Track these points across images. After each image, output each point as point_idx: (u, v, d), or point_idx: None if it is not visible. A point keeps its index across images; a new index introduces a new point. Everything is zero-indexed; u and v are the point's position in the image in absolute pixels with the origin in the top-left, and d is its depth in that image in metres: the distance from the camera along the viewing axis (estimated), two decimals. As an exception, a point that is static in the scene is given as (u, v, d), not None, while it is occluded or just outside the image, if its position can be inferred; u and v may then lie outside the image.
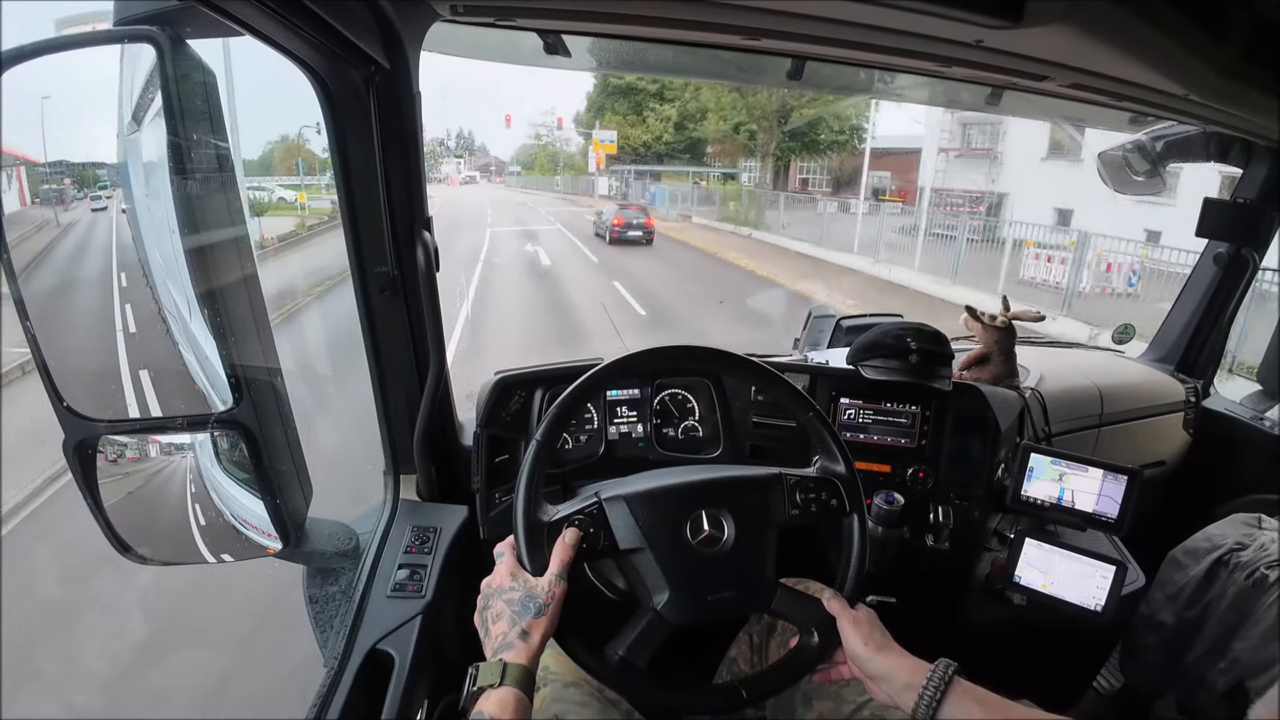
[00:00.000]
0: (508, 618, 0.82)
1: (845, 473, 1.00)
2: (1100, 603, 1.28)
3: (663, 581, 0.88)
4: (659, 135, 31.05)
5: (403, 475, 1.34)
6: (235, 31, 0.72)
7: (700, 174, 29.89)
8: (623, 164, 33.19)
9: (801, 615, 0.93)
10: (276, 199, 15.73)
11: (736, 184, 27.67)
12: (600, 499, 0.92)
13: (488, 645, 0.82)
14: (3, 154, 0.72)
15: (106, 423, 0.79)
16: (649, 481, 0.96)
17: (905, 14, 0.86)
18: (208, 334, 0.76)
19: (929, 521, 1.44)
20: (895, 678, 0.84)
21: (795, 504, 0.97)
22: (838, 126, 24.83)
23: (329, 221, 11.96)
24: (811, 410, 1.02)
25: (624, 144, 30.84)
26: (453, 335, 7.07)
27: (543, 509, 0.90)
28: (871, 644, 0.87)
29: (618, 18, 0.99)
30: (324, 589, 1.11)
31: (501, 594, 0.85)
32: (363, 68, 0.97)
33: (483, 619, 0.85)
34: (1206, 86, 1.05)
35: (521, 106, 73.39)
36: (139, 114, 0.72)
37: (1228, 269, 1.98)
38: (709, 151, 30.66)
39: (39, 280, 0.75)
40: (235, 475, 0.87)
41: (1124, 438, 1.92)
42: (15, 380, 3.36)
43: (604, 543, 0.90)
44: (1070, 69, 1.09)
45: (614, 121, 31.79)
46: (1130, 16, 0.78)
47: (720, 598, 0.90)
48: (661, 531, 0.91)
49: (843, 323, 1.97)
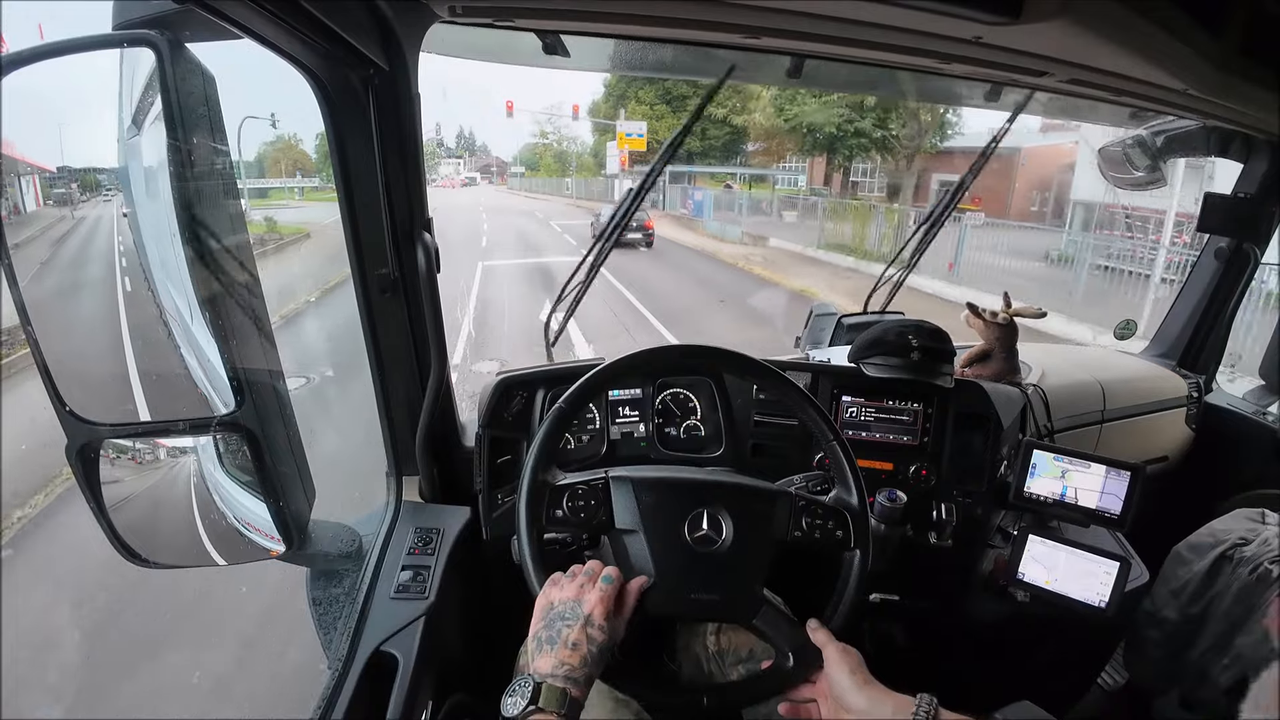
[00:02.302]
0: (582, 655, 0.80)
1: (858, 508, 0.99)
2: (1104, 599, 1.28)
3: (650, 567, 0.89)
4: (698, 130, 25.25)
5: (405, 476, 1.34)
6: (234, 35, 0.72)
7: (725, 176, 26.56)
8: (646, 164, 28.20)
9: (781, 637, 0.90)
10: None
11: (767, 187, 24.48)
12: (608, 476, 0.94)
13: (545, 658, 0.80)
14: (2, 159, 0.72)
15: (109, 426, 0.79)
16: (659, 471, 0.98)
17: (905, 11, 0.86)
18: (209, 336, 0.76)
19: (932, 519, 1.43)
20: (878, 712, 0.82)
21: (800, 526, 0.96)
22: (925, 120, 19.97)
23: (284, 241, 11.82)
24: (835, 439, 1.01)
25: (652, 139, 24.27)
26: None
27: (551, 472, 0.92)
28: (858, 676, 0.85)
29: (616, 17, 0.99)
30: (327, 591, 1.12)
31: (591, 624, 0.82)
32: (362, 70, 0.97)
33: (554, 629, 0.82)
34: (1205, 81, 1.05)
35: (526, 102, 71.92)
36: (139, 118, 0.72)
37: (1229, 264, 1.99)
38: (746, 149, 26.28)
39: (40, 284, 0.75)
40: (238, 478, 0.87)
41: (1127, 434, 1.92)
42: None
43: (601, 518, 0.91)
44: (1069, 64, 1.09)
45: (639, 112, 26.62)
46: (1128, 12, 0.78)
47: (703, 599, 0.90)
48: (659, 519, 0.92)
49: (844, 320, 1.97)
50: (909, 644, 1.64)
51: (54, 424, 0.74)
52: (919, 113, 18.95)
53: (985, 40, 0.98)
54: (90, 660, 2.91)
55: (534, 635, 0.83)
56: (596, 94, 34.73)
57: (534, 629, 0.84)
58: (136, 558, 0.84)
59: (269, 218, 13.88)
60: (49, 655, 2.93)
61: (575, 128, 47.51)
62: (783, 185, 25.21)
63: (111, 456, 0.80)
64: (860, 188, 25.15)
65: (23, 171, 0.76)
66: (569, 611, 0.83)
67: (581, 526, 0.92)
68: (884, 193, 23.45)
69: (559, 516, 0.91)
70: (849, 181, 25.20)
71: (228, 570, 0.92)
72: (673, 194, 24.09)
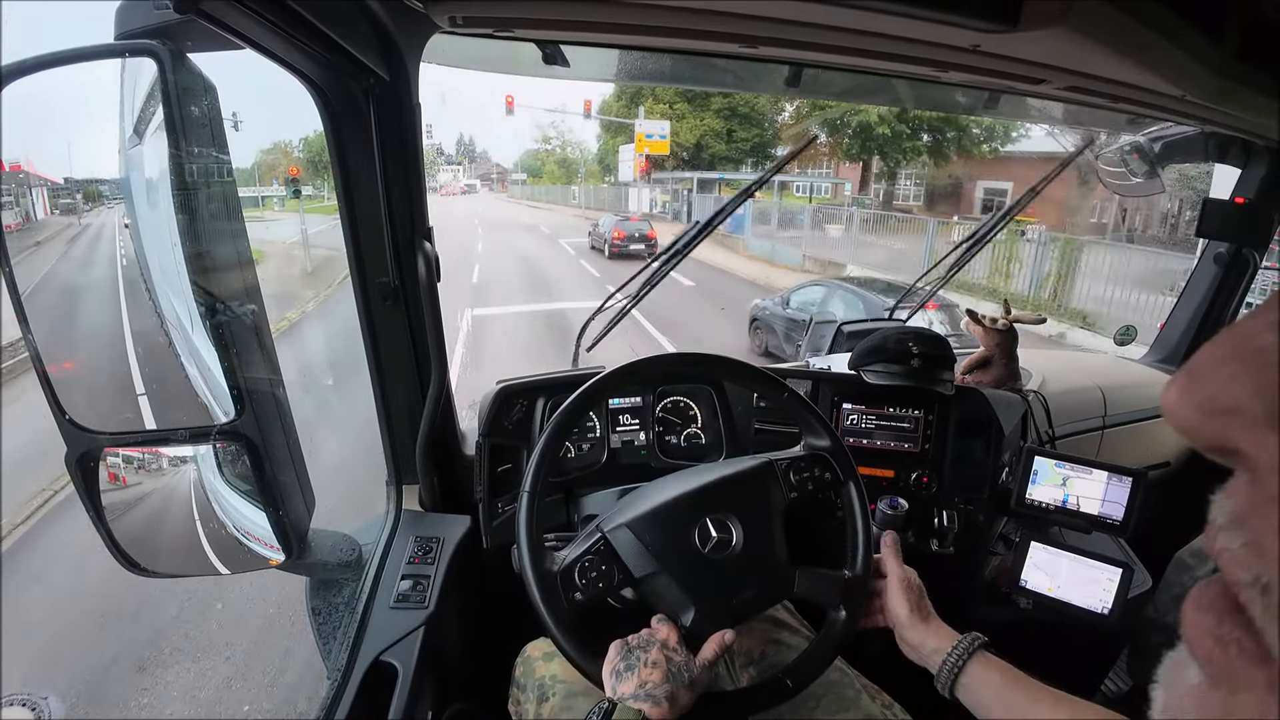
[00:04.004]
0: (664, 671, 0.80)
1: (831, 444, 1.02)
2: (1107, 605, 1.27)
3: (686, 600, 0.88)
4: (723, 131, 22.69)
5: (405, 485, 1.34)
6: (236, 45, 0.72)
7: (736, 183, 22.58)
8: (664, 170, 24.54)
9: (826, 592, 0.94)
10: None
11: (789, 194, 21.70)
12: (604, 533, 0.91)
13: (626, 683, 0.79)
14: (6, 172, 0.73)
15: (109, 435, 0.79)
16: (646, 501, 0.95)
17: (903, 20, 0.86)
18: (209, 345, 0.76)
19: (933, 526, 1.43)
20: (926, 644, 0.89)
21: (791, 486, 0.99)
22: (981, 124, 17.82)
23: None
24: (785, 391, 1.04)
25: (672, 141, 22.08)
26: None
27: (549, 559, 0.88)
28: (918, 612, 0.92)
29: (616, 27, 1.00)
30: (327, 600, 1.11)
31: (666, 647, 0.83)
32: (362, 79, 0.97)
33: (632, 656, 0.82)
34: (1203, 87, 1.06)
35: (529, 99, 70.92)
36: (140, 127, 0.73)
37: (1228, 269, 1.99)
38: (775, 153, 23.36)
39: (42, 292, 0.75)
40: (238, 487, 0.87)
41: (1128, 439, 1.92)
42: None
43: (619, 576, 0.88)
44: (1067, 72, 1.09)
45: (658, 111, 23.32)
46: (1126, 18, 0.78)
47: (744, 599, 0.90)
48: (672, 550, 0.90)
49: (844, 328, 1.97)
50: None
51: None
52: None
53: (983, 48, 0.99)
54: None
55: (611, 671, 0.82)
56: (607, 91, 31.04)
57: (610, 667, 0.83)
58: (135, 566, 0.84)
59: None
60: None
61: (580, 131, 45.22)
62: (802, 192, 22.82)
63: (111, 465, 0.80)
64: (894, 195, 22.89)
65: (34, 183, 0.77)
66: (644, 641, 0.84)
67: (607, 591, 0.88)
68: (920, 201, 21.68)
69: (579, 600, 0.86)
70: (893, 189, 22.97)
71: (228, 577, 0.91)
72: (702, 203, 20.42)
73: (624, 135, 27.86)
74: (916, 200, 21.96)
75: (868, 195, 22.47)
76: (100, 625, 3.19)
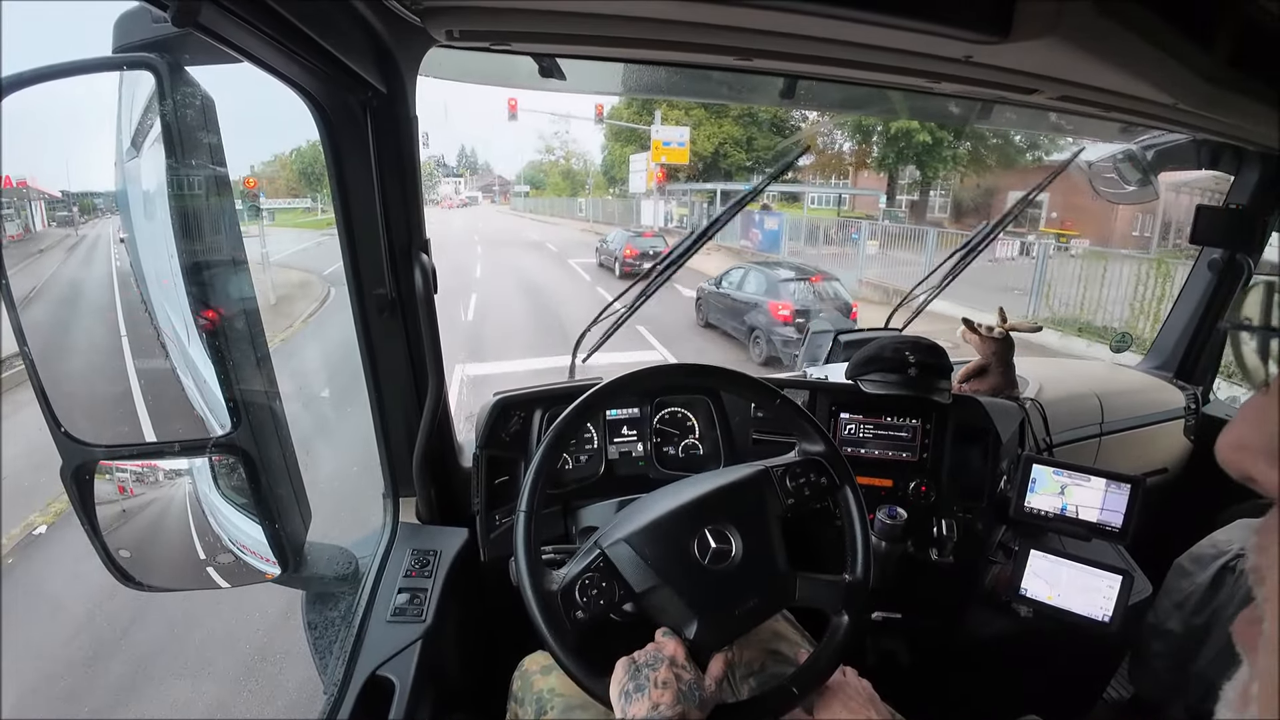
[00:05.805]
0: (674, 691, 0.79)
1: (825, 449, 1.01)
2: (1107, 613, 1.27)
3: (689, 612, 0.87)
4: (743, 139, 21.39)
5: (402, 498, 1.33)
6: (234, 58, 0.73)
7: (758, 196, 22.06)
8: (678, 181, 22.52)
9: (827, 598, 0.93)
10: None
11: (799, 207, 20.70)
12: (602, 549, 0.90)
13: (637, 705, 0.79)
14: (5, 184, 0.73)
15: (104, 448, 0.79)
16: (643, 515, 0.94)
17: (896, 32, 0.87)
18: (206, 358, 0.76)
19: (932, 535, 1.43)
20: None
21: (788, 492, 0.98)
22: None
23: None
24: (778, 398, 1.04)
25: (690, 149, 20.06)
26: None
27: (548, 578, 0.87)
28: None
29: (611, 41, 1.01)
30: (323, 614, 1.10)
31: (675, 664, 0.82)
32: (360, 93, 0.98)
33: (641, 675, 0.81)
34: (1195, 94, 1.06)
35: (533, 103, 70.24)
36: (138, 140, 0.73)
37: (1223, 275, 2.00)
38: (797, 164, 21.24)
39: (38, 306, 0.75)
40: (234, 500, 0.87)
41: (1125, 446, 1.92)
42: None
43: (620, 592, 0.88)
44: (1059, 81, 1.10)
45: (673, 117, 21.34)
46: (1117, 27, 0.79)
47: (747, 608, 0.90)
48: (672, 562, 0.89)
49: (840, 337, 1.97)
50: (913, 661, 1.62)
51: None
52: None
53: (975, 59, 1.00)
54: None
55: (621, 692, 0.81)
56: (617, 96, 25.67)
57: (619, 688, 0.82)
58: (130, 580, 0.84)
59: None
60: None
61: (584, 141, 44.37)
62: (816, 204, 21.26)
63: (106, 478, 0.80)
64: (926, 207, 21.61)
65: (33, 197, 0.77)
66: (652, 659, 0.83)
67: (609, 608, 0.87)
68: (946, 212, 20.67)
69: (581, 618, 0.86)
70: (925, 199, 21.72)
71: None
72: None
73: (634, 143, 26.49)
74: (943, 212, 21.33)
75: (899, 208, 21.52)
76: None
